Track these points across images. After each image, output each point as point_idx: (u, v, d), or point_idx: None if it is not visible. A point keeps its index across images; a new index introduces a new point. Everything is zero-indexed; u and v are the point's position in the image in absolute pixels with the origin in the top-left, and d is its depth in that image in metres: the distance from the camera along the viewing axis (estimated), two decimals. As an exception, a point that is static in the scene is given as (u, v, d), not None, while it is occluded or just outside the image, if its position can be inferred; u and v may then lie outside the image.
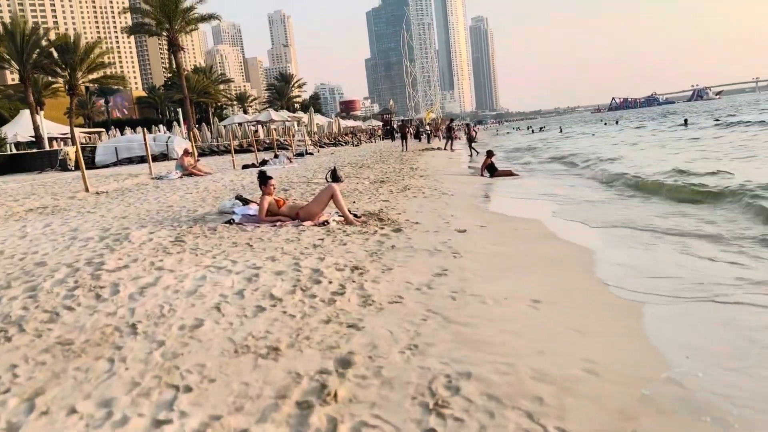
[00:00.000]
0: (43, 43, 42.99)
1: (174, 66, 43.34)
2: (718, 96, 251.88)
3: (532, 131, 75.67)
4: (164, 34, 42.76)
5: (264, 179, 7.38)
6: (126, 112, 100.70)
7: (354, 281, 4.48)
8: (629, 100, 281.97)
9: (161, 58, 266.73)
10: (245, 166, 21.81)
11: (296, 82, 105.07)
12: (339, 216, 7.45)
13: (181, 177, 16.39)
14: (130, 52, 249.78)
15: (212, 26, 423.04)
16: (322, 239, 6.24)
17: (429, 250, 5.70)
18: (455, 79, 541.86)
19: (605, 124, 73.02)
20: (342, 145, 48.35)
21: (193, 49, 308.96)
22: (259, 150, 37.97)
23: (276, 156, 25.08)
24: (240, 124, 42.57)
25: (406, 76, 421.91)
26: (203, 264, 5.09)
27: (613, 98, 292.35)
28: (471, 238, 6.53)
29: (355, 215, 7.58)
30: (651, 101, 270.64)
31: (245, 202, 7.86)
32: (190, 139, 35.30)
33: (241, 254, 5.50)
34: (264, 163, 23.89)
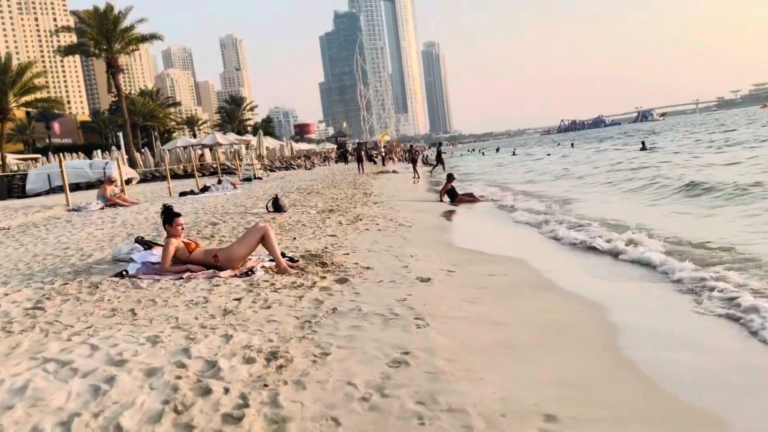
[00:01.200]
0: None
1: (114, 88, 40.75)
2: (662, 117, 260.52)
3: (483, 154, 74.45)
4: (103, 55, 40.39)
5: (169, 217, 5.72)
6: (57, 133, 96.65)
7: (266, 385, 2.88)
8: (577, 122, 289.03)
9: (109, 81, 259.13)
10: (183, 194, 19.98)
11: (248, 104, 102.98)
12: (270, 260, 5.85)
13: (102, 208, 14.43)
14: (76, 76, 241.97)
15: (162, 50, 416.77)
16: (240, 299, 4.62)
17: (383, 315, 4.15)
18: (409, 103, 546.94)
19: (558, 144, 73.55)
20: (294, 168, 46.61)
21: (143, 72, 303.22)
22: (204, 175, 35.99)
23: (219, 182, 23.24)
24: (184, 147, 40.34)
25: (361, 99, 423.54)
26: (45, 354, 3.39)
27: (562, 120, 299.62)
28: (438, 290, 5.02)
29: (291, 259, 6.00)
30: (598, 123, 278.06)
31: (147, 245, 6.15)
32: (119, 165, 33.26)
33: (113, 332, 3.82)
34: (205, 189, 22.07)
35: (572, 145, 63.78)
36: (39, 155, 56.92)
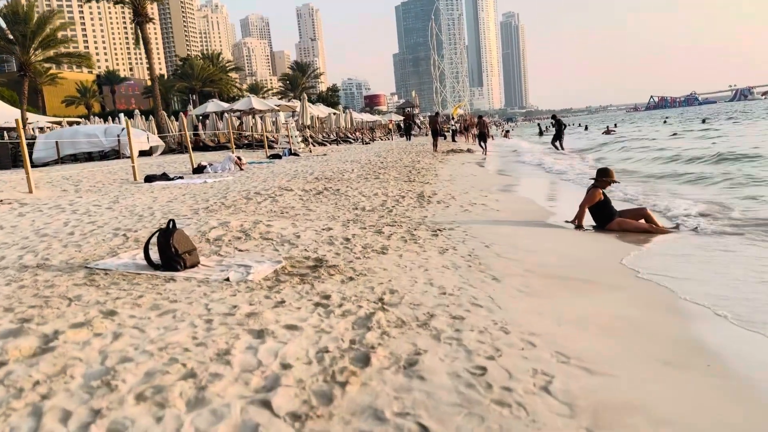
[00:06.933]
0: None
1: (141, 41, 34.59)
2: (764, 96, 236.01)
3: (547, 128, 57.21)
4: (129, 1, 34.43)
5: None
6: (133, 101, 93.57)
7: None
8: (668, 99, 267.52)
9: (187, 42, 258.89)
10: (149, 178, 13.18)
11: (313, 71, 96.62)
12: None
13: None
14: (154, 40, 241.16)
15: (240, 19, 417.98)
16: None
17: None
18: (484, 76, 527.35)
19: (665, 122, 62.65)
20: (350, 142, 39.55)
21: (220, 40, 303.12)
22: (239, 147, 29.37)
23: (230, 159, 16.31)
24: (220, 114, 33.90)
25: (434, 70, 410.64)
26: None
27: (652, 96, 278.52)
28: None
29: None
30: (690, 101, 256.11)
31: None
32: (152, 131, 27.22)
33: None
34: (199, 170, 15.35)
35: (703, 121, 52.49)
36: (80, 119, 51.89)
